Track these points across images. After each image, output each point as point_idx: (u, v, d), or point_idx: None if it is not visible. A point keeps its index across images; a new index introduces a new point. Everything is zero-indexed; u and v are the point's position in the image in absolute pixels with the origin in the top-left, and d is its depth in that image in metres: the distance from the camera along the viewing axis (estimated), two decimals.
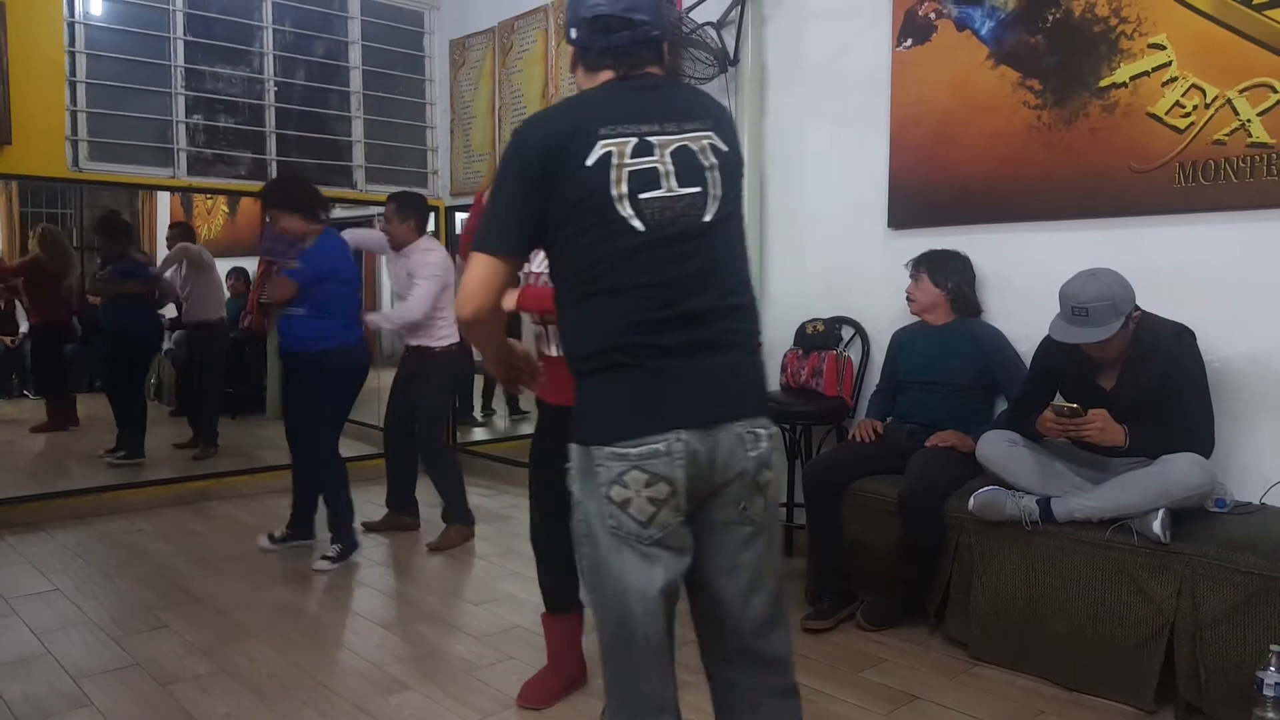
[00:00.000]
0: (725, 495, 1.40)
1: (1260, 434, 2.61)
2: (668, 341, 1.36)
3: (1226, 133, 2.62)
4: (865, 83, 3.46)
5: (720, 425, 1.38)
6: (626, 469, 1.34)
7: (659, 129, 1.41)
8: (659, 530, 1.36)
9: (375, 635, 2.90)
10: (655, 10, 1.49)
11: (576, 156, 1.37)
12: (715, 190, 1.42)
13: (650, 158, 1.38)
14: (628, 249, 1.37)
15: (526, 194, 1.40)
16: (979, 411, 3.03)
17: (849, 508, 2.98)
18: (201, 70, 4.69)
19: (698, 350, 1.38)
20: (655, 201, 1.37)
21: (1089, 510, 2.46)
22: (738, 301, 1.44)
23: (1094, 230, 2.91)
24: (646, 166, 1.38)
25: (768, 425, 1.45)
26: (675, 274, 1.38)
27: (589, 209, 1.37)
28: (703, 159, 1.42)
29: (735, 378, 1.43)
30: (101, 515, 4.28)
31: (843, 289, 3.58)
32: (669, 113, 1.43)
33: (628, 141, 1.38)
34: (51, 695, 2.45)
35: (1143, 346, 2.50)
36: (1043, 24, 2.99)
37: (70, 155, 4.29)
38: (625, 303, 1.37)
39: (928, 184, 3.30)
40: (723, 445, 1.37)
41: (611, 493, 1.36)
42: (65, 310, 6.17)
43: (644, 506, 1.35)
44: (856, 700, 2.43)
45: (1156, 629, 2.34)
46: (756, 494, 1.41)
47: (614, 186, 1.36)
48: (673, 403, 1.36)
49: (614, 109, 1.41)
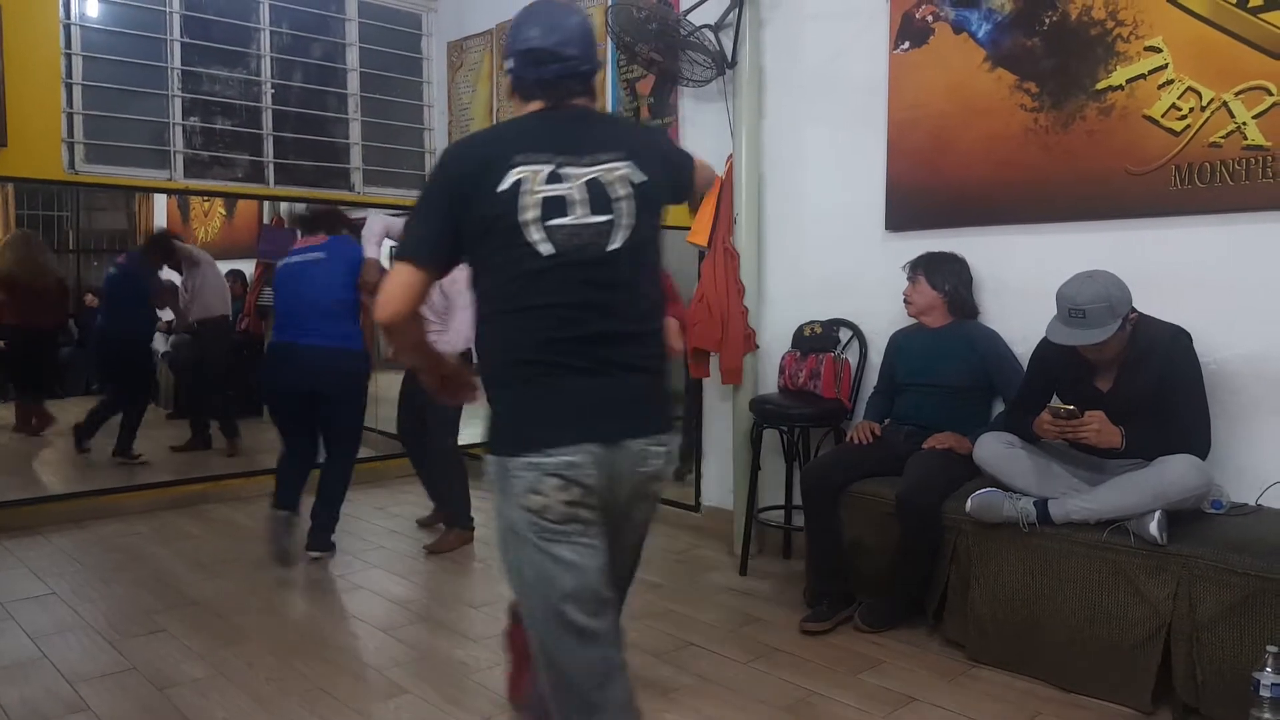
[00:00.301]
0: (622, 503, 1.53)
1: (1256, 435, 2.62)
2: (576, 361, 1.47)
3: (1222, 135, 2.63)
4: (863, 85, 3.47)
5: (622, 441, 1.49)
6: (537, 479, 1.45)
7: (573, 159, 1.50)
8: (575, 532, 1.47)
9: (373, 638, 2.90)
10: (586, 45, 1.60)
11: (491, 181, 1.48)
12: (625, 220, 1.51)
13: (561, 185, 1.48)
14: (536, 271, 1.47)
15: (444, 211, 1.52)
16: (976, 413, 3.04)
17: (847, 509, 2.98)
18: (198, 72, 4.68)
19: (604, 370, 1.49)
20: (564, 228, 1.47)
21: (1086, 512, 2.47)
22: (645, 327, 1.55)
23: (1091, 232, 2.92)
24: (557, 194, 1.47)
25: (666, 442, 1.57)
26: (582, 297, 1.48)
27: (500, 231, 1.47)
28: (614, 190, 1.51)
29: (638, 398, 1.53)
30: (98, 519, 4.27)
31: (840, 291, 3.59)
32: (585, 143, 1.53)
33: (541, 170, 1.48)
34: (48, 700, 2.45)
35: (1139, 348, 2.50)
36: (1039, 27, 3.00)
37: (66, 158, 4.28)
38: (535, 321, 1.48)
39: (925, 186, 3.31)
40: (623, 459, 1.49)
41: (528, 500, 1.46)
42: (46, 314, 6.14)
43: (561, 510, 1.46)
44: (855, 702, 2.44)
45: (1153, 630, 2.34)
46: (645, 502, 1.56)
47: (524, 212, 1.46)
48: (582, 418, 1.47)
49: (532, 138, 1.52)
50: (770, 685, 2.54)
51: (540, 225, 1.46)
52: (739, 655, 2.73)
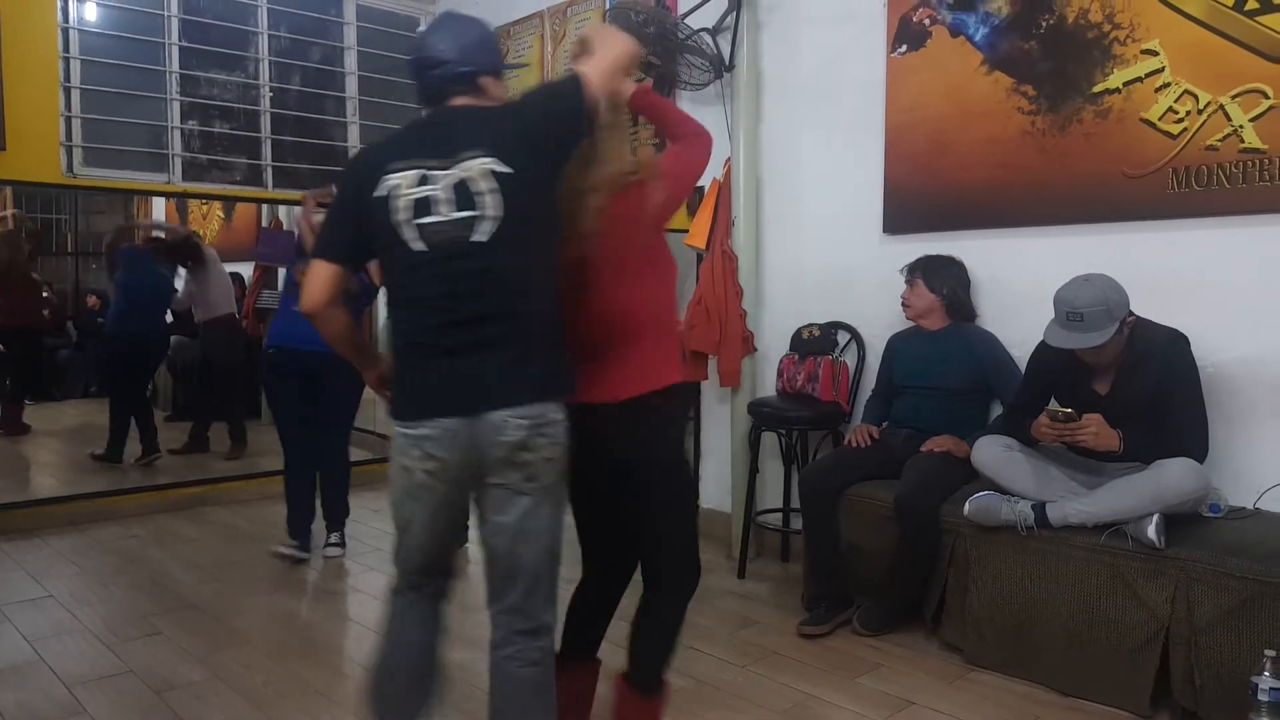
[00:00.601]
0: (491, 469, 1.67)
1: (1254, 439, 2.62)
2: (443, 343, 1.66)
3: (1219, 138, 2.64)
4: (860, 89, 3.47)
5: (481, 414, 1.64)
6: (409, 445, 1.68)
7: (443, 161, 1.65)
8: (431, 492, 1.70)
9: (371, 641, 2.88)
10: (466, 48, 1.75)
11: (371, 187, 1.67)
12: (491, 212, 1.63)
13: (429, 187, 1.64)
14: (412, 265, 1.66)
15: (345, 215, 1.75)
16: (974, 416, 3.04)
17: (845, 513, 2.98)
18: (196, 76, 4.68)
19: (467, 350, 1.65)
20: (432, 225, 1.64)
21: (1084, 515, 2.46)
22: (517, 306, 1.67)
23: (1088, 235, 2.92)
24: (424, 195, 1.64)
25: (530, 414, 1.65)
26: (450, 287, 1.65)
27: (384, 232, 1.67)
28: (476, 185, 1.63)
29: (501, 372, 1.66)
30: (96, 521, 4.26)
31: (838, 294, 3.59)
32: (454, 144, 1.66)
33: (410, 174, 1.65)
34: (45, 703, 2.44)
35: (1137, 352, 2.50)
36: (1036, 30, 3.01)
37: (65, 161, 4.27)
38: (415, 310, 1.69)
39: (923, 189, 3.31)
40: (484, 430, 1.64)
41: (403, 460, 1.70)
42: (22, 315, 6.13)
43: (420, 474, 1.68)
44: (853, 706, 2.43)
45: (1151, 634, 2.34)
46: (513, 469, 1.67)
47: (397, 213, 1.65)
48: (442, 394, 1.66)
49: (405, 145, 1.70)
50: (768, 688, 2.54)
51: (412, 224, 1.64)
52: (737, 658, 2.73)
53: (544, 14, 4.88)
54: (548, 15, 4.86)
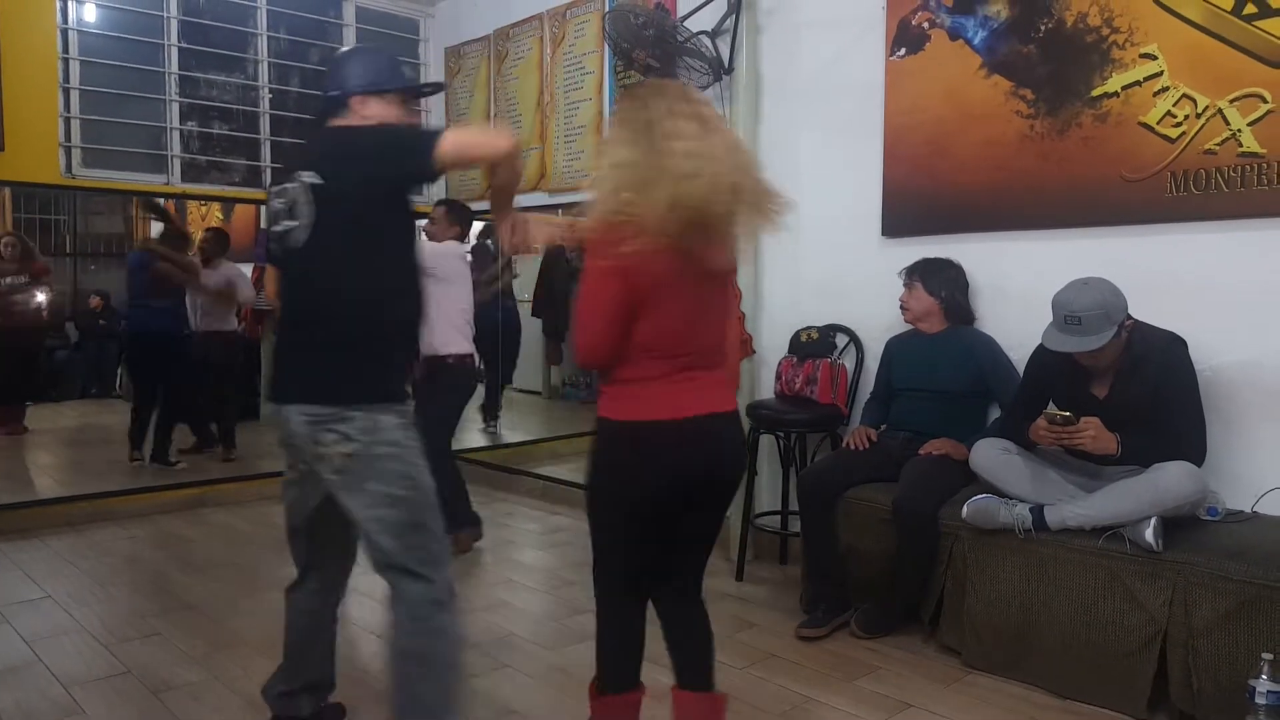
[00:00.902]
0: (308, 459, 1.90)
1: (1252, 442, 2.62)
2: (280, 340, 1.98)
3: (1217, 142, 2.64)
4: (859, 92, 3.48)
5: (282, 405, 1.89)
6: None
7: (287, 177, 1.90)
8: (292, 469, 2.01)
9: (370, 642, 2.89)
10: (334, 74, 2.00)
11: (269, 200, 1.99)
12: (305, 220, 1.84)
13: (278, 200, 1.91)
14: (274, 271, 2.03)
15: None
16: (972, 419, 3.04)
17: (843, 515, 2.98)
18: (196, 77, 4.69)
19: (294, 347, 1.93)
20: (276, 233, 1.92)
21: (1082, 518, 2.47)
22: (327, 309, 1.86)
23: (1086, 239, 2.92)
24: (275, 207, 1.92)
25: (312, 412, 1.84)
26: (286, 289, 1.96)
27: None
28: (299, 196, 1.85)
29: (298, 370, 1.91)
30: (94, 522, 4.26)
31: (837, 297, 3.59)
32: (302, 160, 1.89)
33: (275, 189, 1.94)
34: (43, 703, 2.45)
35: (1135, 355, 2.51)
36: (1035, 34, 3.01)
37: (64, 161, 4.29)
38: (280, 309, 1.99)
39: (921, 193, 3.31)
40: (284, 421, 1.90)
41: None
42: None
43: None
44: (851, 708, 2.44)
45: (1149, 637, 2.34)
46: (317, 460, 1.87)
47: (268, 225, 1.95)
48: (272, 384, 1.96)
49: (286, 164, 2.01)
50: (766, 691, 2.54)
51: (272, 233, 1.94)
52: (735, 661, 2.73)
53: (543, 16, 4.88)
54: (547, 18, 4.87)
